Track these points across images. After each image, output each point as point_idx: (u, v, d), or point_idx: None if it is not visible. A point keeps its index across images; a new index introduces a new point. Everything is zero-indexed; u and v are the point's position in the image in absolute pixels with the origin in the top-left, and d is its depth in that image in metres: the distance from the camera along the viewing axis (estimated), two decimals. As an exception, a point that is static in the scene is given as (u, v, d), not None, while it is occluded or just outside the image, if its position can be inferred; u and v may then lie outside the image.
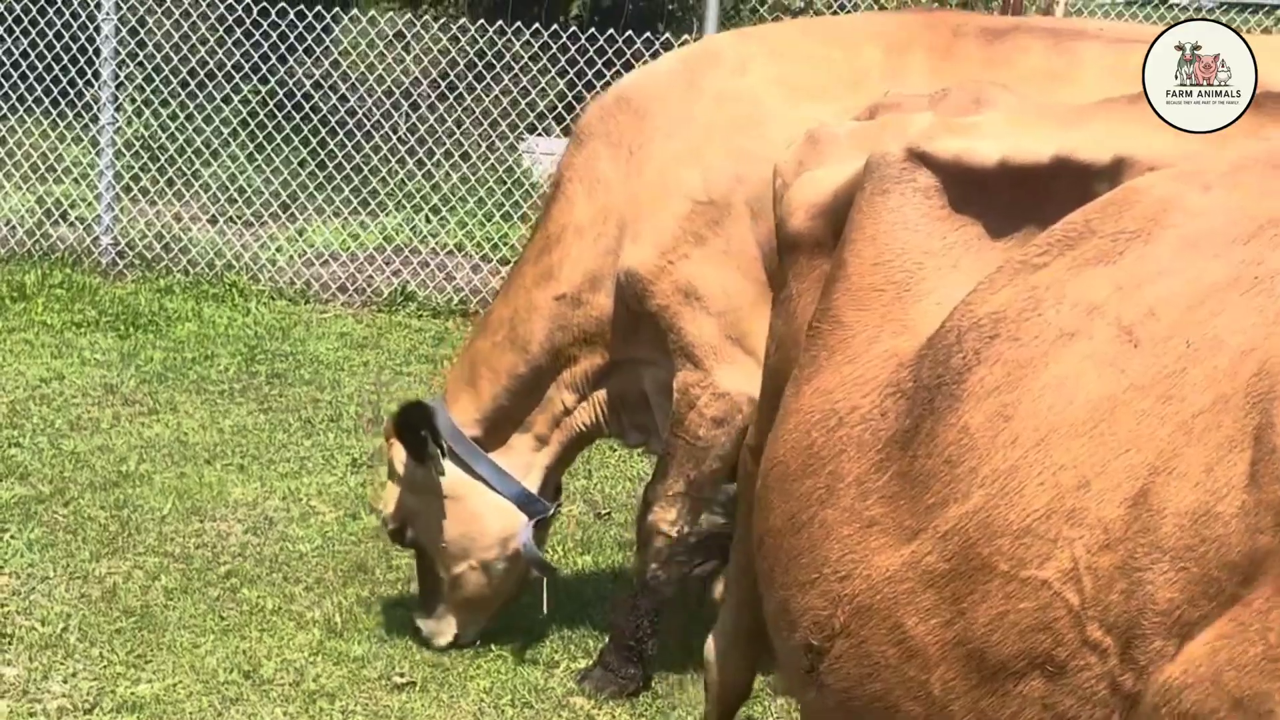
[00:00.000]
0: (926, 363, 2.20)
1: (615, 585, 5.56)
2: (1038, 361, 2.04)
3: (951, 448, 2.08)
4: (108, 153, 9.93)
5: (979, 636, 1.97)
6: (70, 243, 10.08)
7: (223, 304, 9.30)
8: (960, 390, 2.11)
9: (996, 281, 2.19)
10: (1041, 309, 2.09)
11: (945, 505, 2.06)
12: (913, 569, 2.08)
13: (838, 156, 2.76)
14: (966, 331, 2.15)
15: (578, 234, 4.63)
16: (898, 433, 2.20)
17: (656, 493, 4.69)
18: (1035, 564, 1.92)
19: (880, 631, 2.13)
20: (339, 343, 8.64)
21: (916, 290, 2.38)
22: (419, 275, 9.78)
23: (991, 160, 2.37)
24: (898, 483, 2.16)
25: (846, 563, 2.20)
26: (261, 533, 5.83)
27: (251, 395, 7.51)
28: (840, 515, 2.24)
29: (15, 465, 6.31)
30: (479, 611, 4.96)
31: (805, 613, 2.28)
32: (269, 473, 6.44)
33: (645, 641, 4.71)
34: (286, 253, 10.16)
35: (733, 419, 4.49)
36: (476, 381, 4.82)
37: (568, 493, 6.39)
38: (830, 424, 2.33)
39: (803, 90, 4.41)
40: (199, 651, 4.85)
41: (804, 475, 2.35)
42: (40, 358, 7.90)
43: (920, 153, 2.46)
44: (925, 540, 2.07)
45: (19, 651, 4.78)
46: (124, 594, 5.21)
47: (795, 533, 2.34)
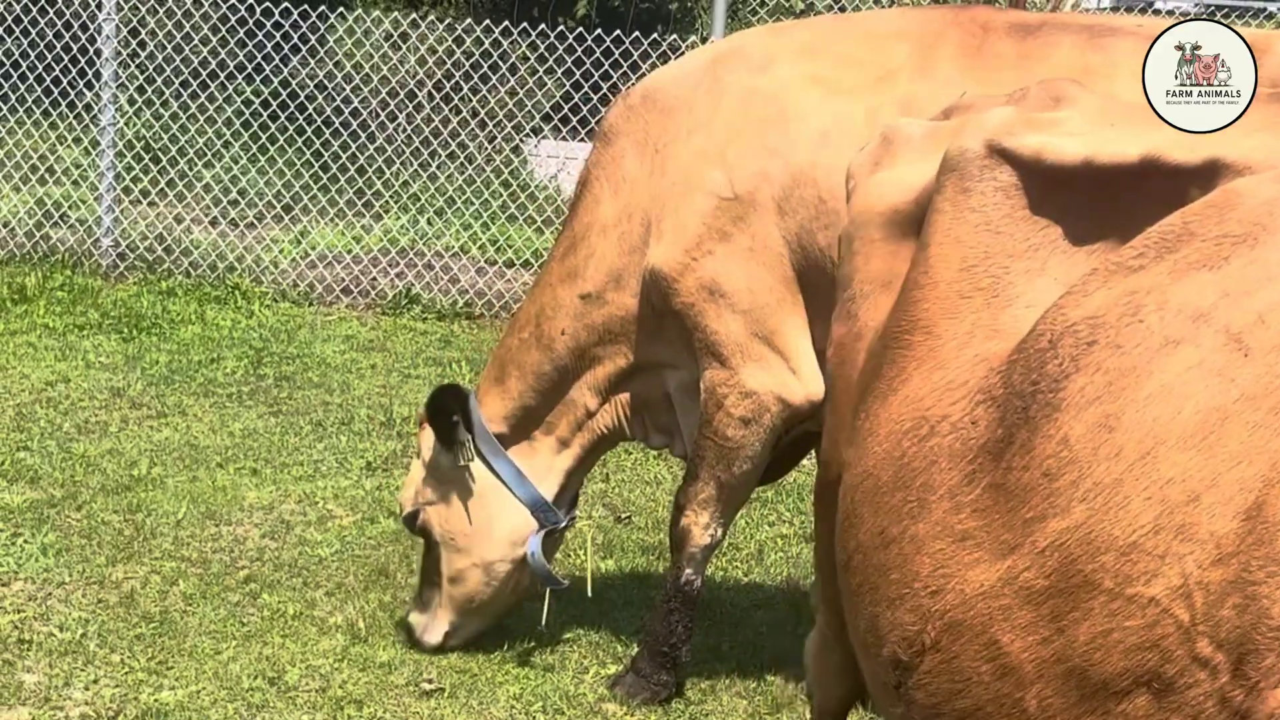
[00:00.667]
0: (1018, 368, 2.14)
1: (640, 589, 5.48)
2: (1141, 370, 1.97)
3: (1050, 460, 2.02)
4: (108, 154, 9.84)
5: (1080, 654, 1.91)
6: (70, 245, 9.99)
7: (226, 306, 9.21)
8: (1057, 399, 2.04)
9: (1090, 284, 2.13)
10: (1143, 315, 2.02)
11: (1044, 519, 1.99)
12: (1009, 584, 2.02)
13: (912, 157, 2.70)
14: (1061, 337, 2.09)
15: (603, 233, 4.59)
16: (990, 442, 2.14)
17: (688, 496, 4.62)
18: (1142, 580, 1.86)
19: (973, 647, 2.07)
20: (345, 345, 8.55)
21: (1005, 295, 2.32)
22: (423, 278, 9.70)
23: (1076, 158, 2.31)
24: (991, 495, 2.10)
25: (938, 577, 2.15)
26: (279, 537, 5.74)
27: (260, 398, 7.42)
28: (931, 529, 2.18)
29: (25, 469, 6.21)
30: (473, 614, 4.86)
31: (894, 628, 2.23)
32: (283, 476, 6.36)
33: (679, 648, 4.63)
34: (289, 255, 10.09)
35: (761, 419, 4.43)
36: (504, 379, 4.78)
37: (586, 497, 6.33)
38: (921, 433, 2.27)
39: (830, 87, 4.35)
40: (221, 658, 4.76)
41: (895, 488, 2.29)
42: (44, 360, 7.80)
43: (1000, 148, 2.40)
44: (1022, 555, 2.01)
45: (39, 658, 4.68)
46: (142, 599, 5.12)
47: (885, 548, 2.28)
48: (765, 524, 6.19)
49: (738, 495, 4.62)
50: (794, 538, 6.03)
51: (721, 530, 4.65)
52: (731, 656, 4.98)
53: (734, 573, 5.72)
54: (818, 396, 4.31)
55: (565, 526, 4.90)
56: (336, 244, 10.26)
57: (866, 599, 2.32)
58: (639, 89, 4.69)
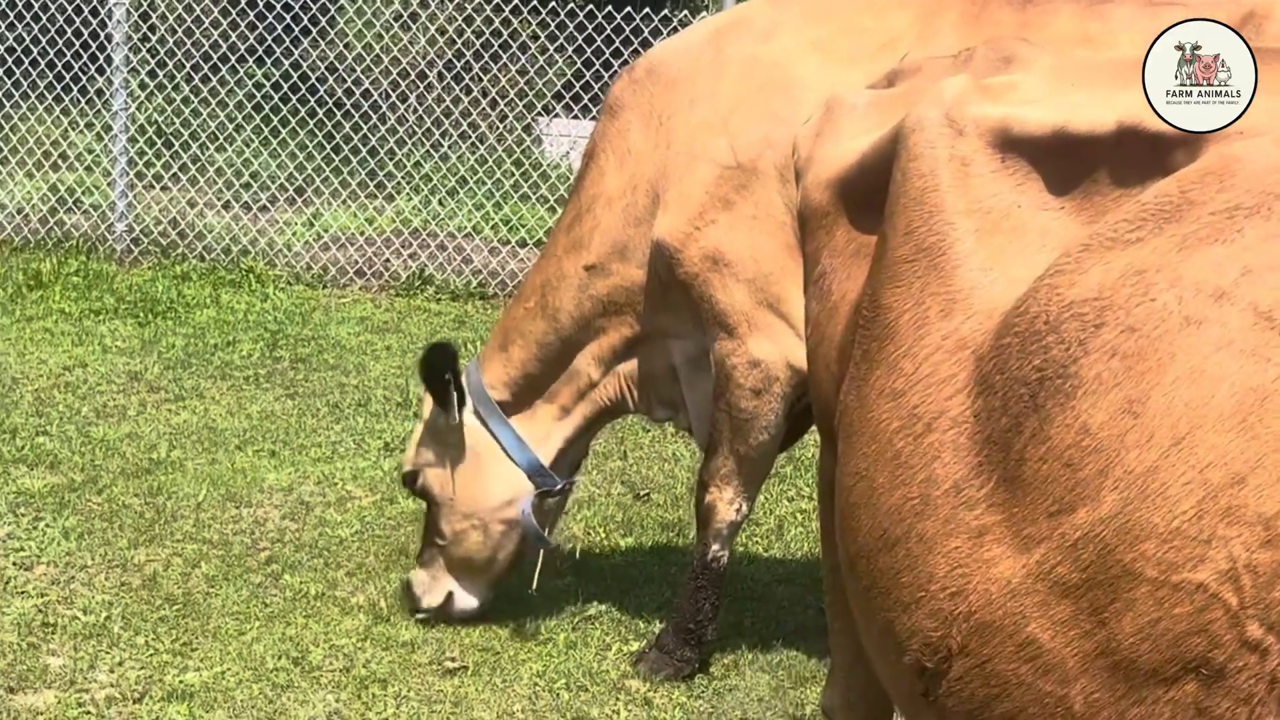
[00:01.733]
0: (1014, 353, 2.06)
1: (660, 566, 5.49)
2: (1162, 353, 1.91)
3: (1071, 449, 1.96)
4: (121, 139, 9.84)
5: (1126, 646, 1.87)
6: (84, 230, 10.00)
7: (240, 290, 9.22)
8: (1069, 386, 1.98)
9: (1084, 261, 2.05)
10: (1154, 294, 1.95)
11: (1071, 510, 1.94)
12: (1040, 580, 1.96)
13: (857, 127, 2.62)
14: (1062, 318, 2.02)
15: (608, 204, 4.61)
16: (995, 433, 2.07)
17: (709, 472, 4.63)
18: (1188, 567, 1.82)
19: (1007, 648, 2.01)
20: (360, 327, 8.56)
21: (951, 256, 2.23)
22: (436, 259, 9.70)
23: (1044, 128, 2.24)
24: (1006, 489, 2.03)
25: (956, 577, 2.07)
26: (299, 518, 5.75)
27: (277, 381, 7.43)
28: (941, 527, 2.10)
29: (45, 454, 6.23)
30: (472, 575, 4.89)
31: (913, 634, 2.15)
32: (301, 458, 6.37)
33: (706, 625, 4.64)
34: (302, 237, 10.09)
35: (771, 388, 4.44)
36: (508, 346, 4.82)
37: (605, 475, 6.34)
38: (915, 431, 2.19)
39: (832, 55, 4.37)
40: (245, 639, 4.78)
41: (893, 488, 2.21)
42: (61, 346, 7.81)
43: (959, 119, 2.31)
44: (1051, 548, 1.95)
45: (63, 641, 4.70)
46: (165, 582, 5.13)
47: (890, 550, 2.20)
48: (784, 499, 6.18)
49: (758, 467, 4.63)
50: (813, 512, 6.03)
51: (747, 504, 4.65)
52: (753, 632, 4.98)
53: (754, 548, 5.72)
54: None
55: (562, 490, 4.93)
56: (349, 226, 10.26)
57: (877, 603, 2.24)
58: (643, 62, 4.71)
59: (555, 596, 5.16)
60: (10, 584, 5.05)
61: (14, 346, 7.74)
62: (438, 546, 4.89)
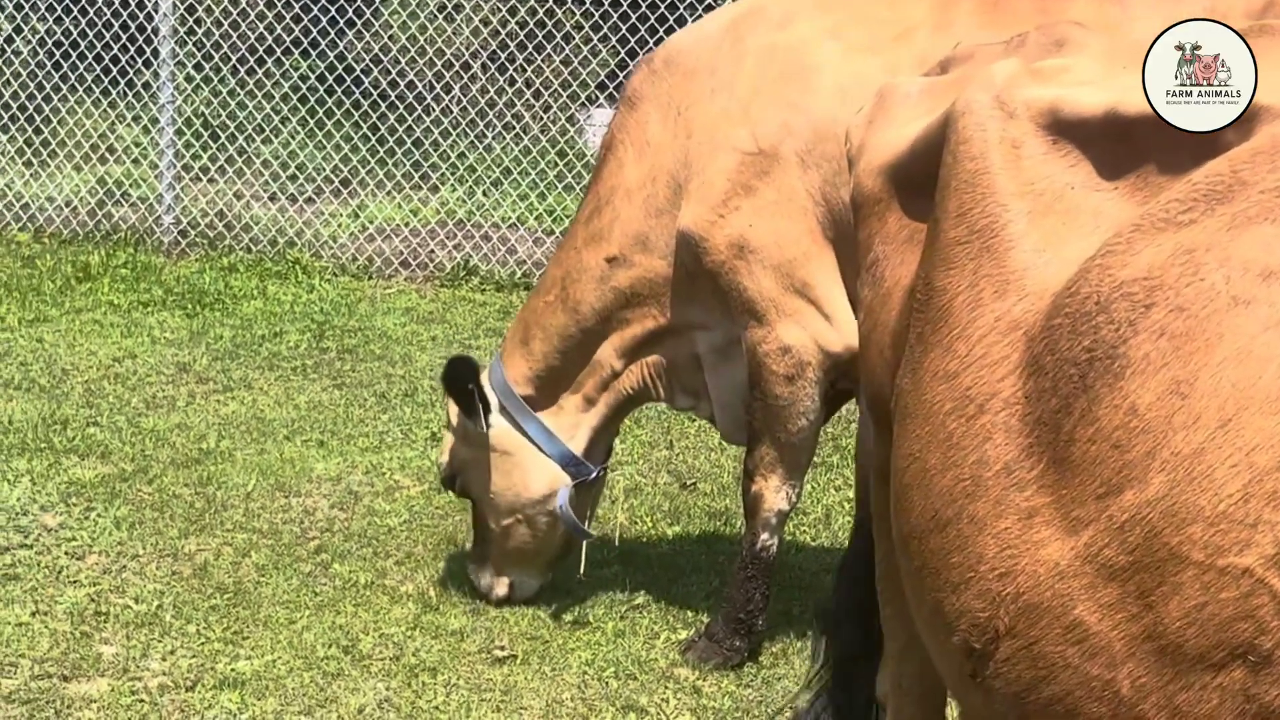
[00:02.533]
0: (1064, 333, 2.05)
1: (708, 555, 5.48)
2: (1210, 333, 1.89)
3: (1119, 431, 1.94)
4: (168, 131, 9.90)
5: (1173, 630, 1.85)
6: (132, 223, 10.07)
7: (287, 281, 9.26)
8: (1118, 366, 1.96)
9: (1135, 241, 2.03)
10: (1203, 274, 1.93)
11: (1119, 492, 1.92)
12: (1088, 562, 1.95)
13: (910, 114, 2.62)
14: (1112, 298, 2.00)
15: (627, 196, 4.61)
16: (1045, 414, 2.06)
17: (754, 462, 4.63)
18: (1234, 551, 1.80)
19: (1054, 630, 1.99)
20: (405, 318, 8.59)
21: (1004, 237, 2.22)
22: (481, 249, 9.72)
23: (1097, 109, 2.23)
24: (1056, 470, 2.02)
25: (1005, 559, 2.06)
26: (348, 508, 5.78)
27: (324, 371, 7.47)
28: (992, 508, 2.10)
29: (96, 444, 6.27)
30: (527, 566, 4.97)
31: (962, 615, 2.14)
32: (349, 448, 6.39)
33: (756, 615, 4.64)
34: (348, 229, 10.13)
35: (804, 373, 4.44)
36: (529, 340, 4.84)
37: (651, 464, 6.34)
38: (968, 413, 2.18)
39: (849, 42, 4.38)
40: (295, 627, 4.80)
41: (944, 469, 2.20)
42: (110, 337, 7.87)
43: (1009, 101, 2.30)
44: (1099, 531, 1.94)
45: (115, 630, 4.73)
46: (215, 571, 5.17)
47: (941, 531, 2.19)
48: (832, 488, 6.17)
49: (801, 454, 4.62)
50: (861, 502, 6.01)
51: (794, 492, 4.65)
52: (802, 621, 4.97)
53: (802, 537, 5.71)
54: (856, 343, 4.34)
55: (596, 477, 4.95)
56: (394, 217, 10.29)
57: (928, 584, 2.24)
58: (661, 53, 4.70)
59: (603, 585, 5.17)
60: (63, 573, 5.09)
61: (64, 338, 7.80)
62: (488, 543, 4.94)
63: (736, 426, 4.76)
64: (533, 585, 5.00)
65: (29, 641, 4.61)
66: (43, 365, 7.32)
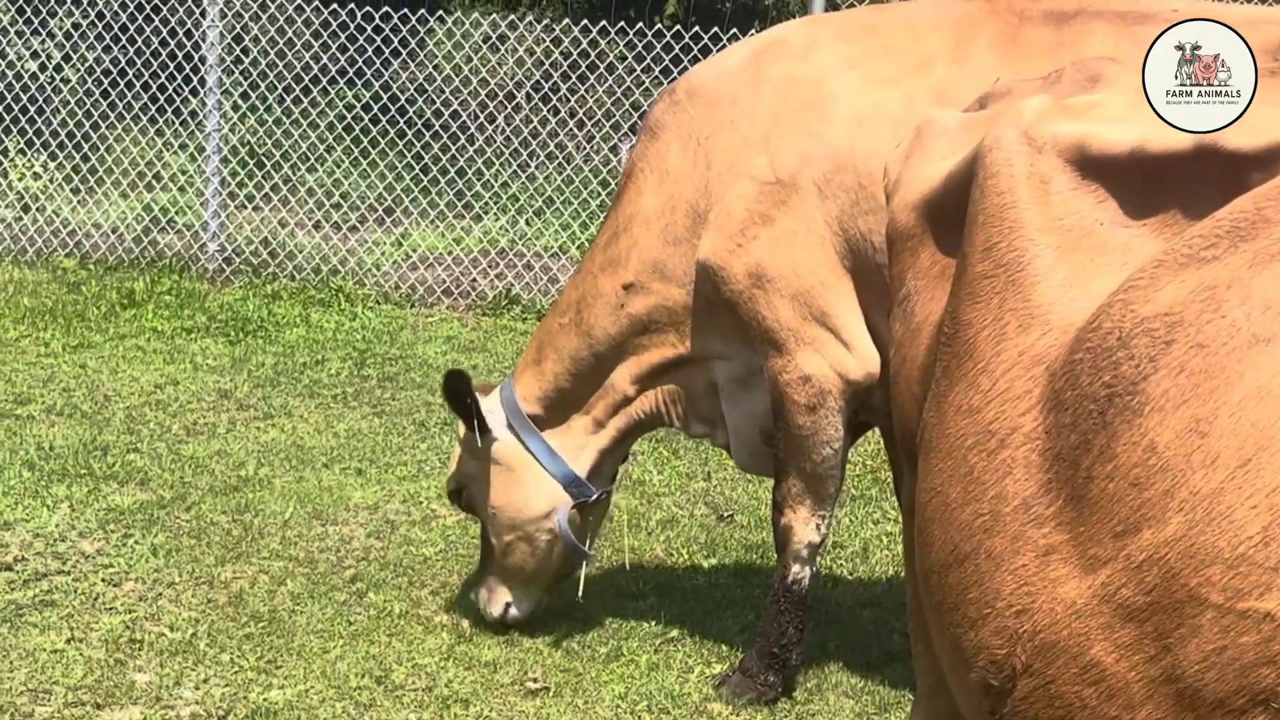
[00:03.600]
0: (1085, 369, 2.03)
1: (744, 588, 5.45)
2: (1230, 371, 1.86)
3: (1137, 468, 1.91)
4: (214, 159, 9.98)
5: (1191, 673, 1.81)
6: (177, 250, 10.15)
7: (329, 309, 9.31)
8: (1137, 403, 1.93)
9: (1159, 276, 2.01)
10: (1225, 311, 1.90)
11: (1136, 531, 1.89)
12: (1105, 602, 1.91)
13: (946, 149, 2.61)
14: (1133, 334, 1.98)
15: (645, 224, 4.63)
16: (1064, 449, 2.03)
17: (782, 494, 4.61)
18: (1254, 594, 1.76)
19: (1071, 670, 1.96)
20: (446, 346, 8.60)
21: (1031, 271, 2.20)
22: (523, 278, 9.74)
23: (1124, 146, 2.22)
24: (1073, 507, 1.99)
25: (1022, 596, 2.04)
26: (384, 537, 5.77)
27: (364, 399, 7.48)
28: (1009, 544, 2.07)
29: (135, 470, 6.30)
30: (527, 584, 4.97)
31: (979, 651, 2.12)
32: (387, 476, 6.40)
33: (790, 650, 4.60)
34: (390, 257, 10.18)
35: (825, 402, 4.43)
36: (541, 360, 4.87)
37: (689, 496, 6.32)
38: (989, 447, 2.16)
39: (867, 74, 4.38)
40: (329, 656, 4.80)
41: (964, 503, 2.18)
42: (153, 364, 7.91)
43: (1037, 137, 2.29)
44: (1116, 570, 1.90)
45: (150, 657, 4.74)
46: (251, 599, 5.17)
47: (960, 565, 2.17)
48: (870, 521, 6.13)
49: (828, 483, 4.59)
50: (899, 535, 5.96)
51: (825, 523, 4.62)
52: (838, 655, 4.93)
53: (839, 570, 5.67)
54: (876, 371, 4.35)
55: (599, 500, 4.94)
56: (437, 246, 10.33)
57: (947, 619, 2.22)
58: (683, 84, 4.73)
59: (637, 618, 5.14)
60: (99, 600, 5.11)
61: (107, 364, 7.85)
62: (491, 558, 4.98)
63: (751, 456, 4.76)
64: (528, 605, 5.00)
65: (63, 668, 4.62)
66: (85, 391, 7.37)
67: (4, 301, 8.95)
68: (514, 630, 5.01)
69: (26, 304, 8.91)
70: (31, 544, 5.51)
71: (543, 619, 5.06)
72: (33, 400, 7.18)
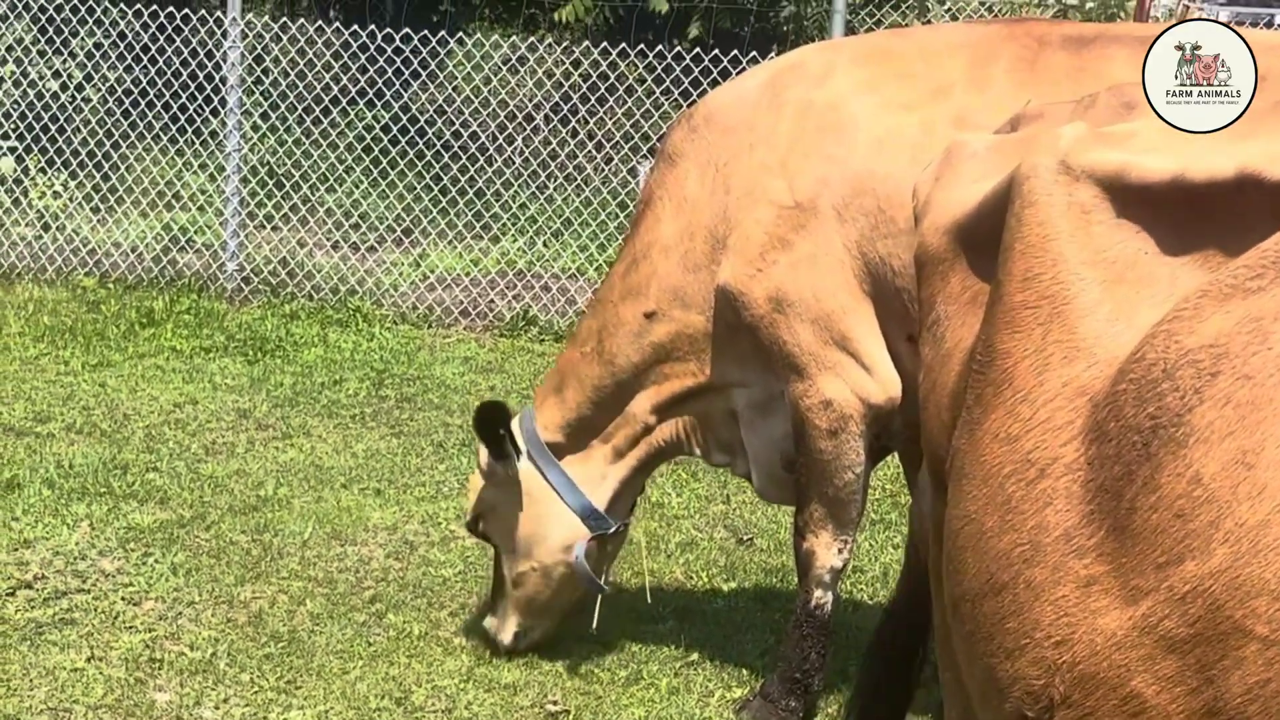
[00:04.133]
0: (1129, 400, 2.02)
1: (764, 612, 5.43)
2: (1277, 403, 1.86)
3: (1181, 500, 1.90)
4: (234, 179, 10.01)
5: (1234, 706, 1.79)
6: (196, 269, 10.17)
7: (347, 329, 9.32)
8: (1182, 434, 1.93)
9: (1204, 307, 2.01)
10: (1271, 342, 1.90)
11: (1180, 562, 1.88)
12: (1146, 633, 1.91)
13: (977, 172, 2.60)
14: (1178, 366, 1.98)
15: (664, 252, 4.60)
16: (1108, 480, 2.02)
17: (803, 519, 4.59)
18: None
19: (1111, 701, 1.95)
20: (464, 367, 8.61)
21: (1078, 305, 2.20)
22: (540, 300, 9.75)
23: (1163, 176, 2.21)
24: (1116, 538, 1.98)
25: (1062, 626, 2.03)
26: (403, 557, 5.77)
27: (382, 419, 7.49)
28: (1050, 575, 2.06)
29: (155, 490, 6.31)
30: (538, 615, 4.95)
31: (1015, 681, 2.10)
32: (406, 497, 6.40)
33: (812, 675, 4.58)
34: (408, 278, 10.19)
35: (847, 427, 4.41)
36: (563, 390, 4.85)
37: (708, 519, 6.31)
38: (1028, 476, 2.15)
39: (885, 98, 4.37)
40: (349, 677, 4.79)
41: (1002, 532, 2.17)
42: (172, 383, 7.93)
43: (1075, 166, 2.28)
44: (1159, 601, 1.90)
45: (169, 677, 4.74)
46: (270, 619, 5.17)
47: (996, 595, 2.16)
48: (890, 546, 6.11)
49: (850, 508, 4.57)
50: (919, 560, 5.95)
51: (847, 547, 4.60)
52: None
53: (859, 595, 5.65)
54: (898, 395, 4.33)
55: (616, 532, 4.92)
56: (455, 266, 10.34)
57: (980, 648, 2.21)
58: (700, 109, 4.70)
59: (658, 641, 5.13)
60: (119, 619, 5.11)
61: (126, 383, 7.87)
62: (504, 587, 4.95)
63: (771, 483, 4.74)
64: (539, 634, 4.98)
65: (83, 687, 4.62)
66: (105, 410, 7.38)
67: (24, 320, 8.97)
68: (533, 653, 5.00)
69: (46, 322, 8.94)
70: (51, 562, 5.51)
71: (562, 642, 5.05)
72: (52, 418, 7.20)
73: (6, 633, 4.93)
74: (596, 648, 5.04)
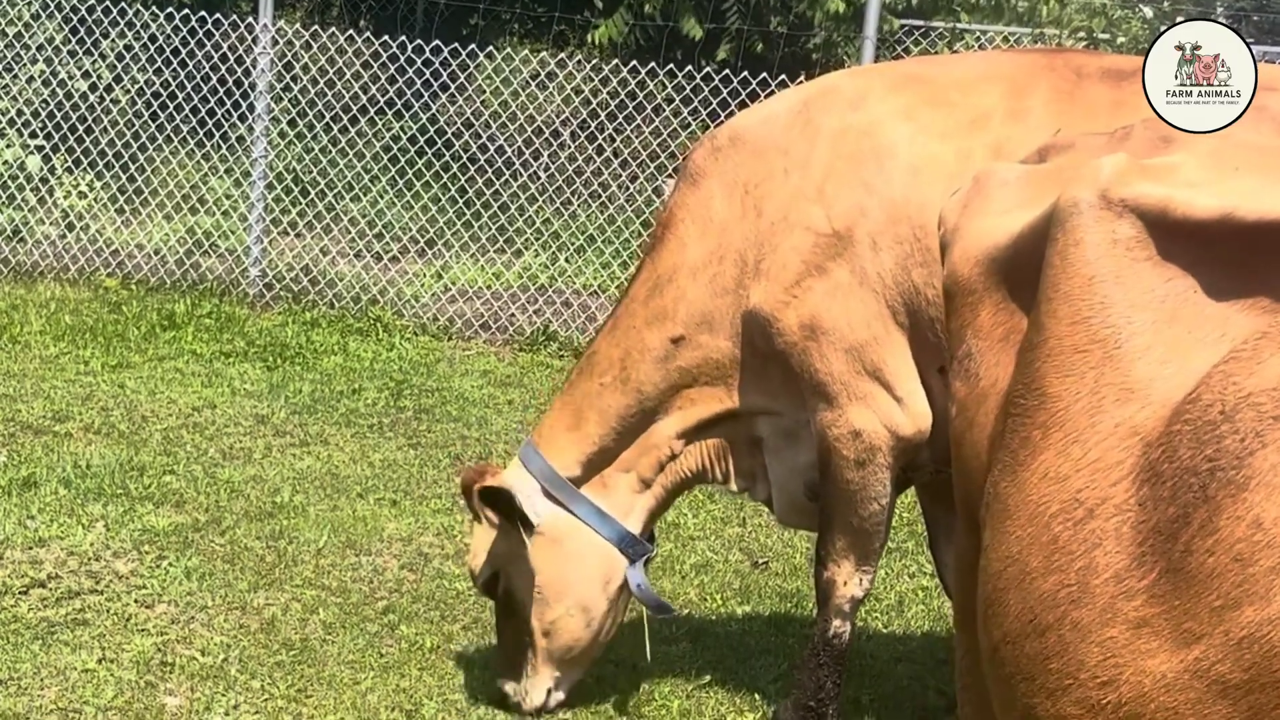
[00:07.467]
0: (1185, 442, 2.00)
1: (778, 637, 5.40)
2: None
3: (1241, 544, 1.88)
4: (259, 185, 10.02)
5: None
6: (219, 274, 10.19)
7: (367, 338, 9.32)
8: (1242, 477, 1.91)
9: (1261, 350, 1.99)
10: None
11: (1237, 607, 1.86)
12: (1198, 677, 1.89)
13: (1010, 201, 2.56)
14: (1238, 409, 1.95)
15: (691, 275, 4.50)
16: (1161, 523, 2.00)
17: (825, 547, 4.53)
18: None
19: None
20: (482, 380, 8.60)
21: (1129, 348, 2.17)
22: (561, 315, 9.74)
23: (1210, 214, 2.16)
24: (1169, 580, 1.96)
25: (1109, 667, 2.00)
26: (417, 569, 5.75)
27: (400, 430, 7.48)
28: (1098, 616, 2.03)
29: (171, 493, 6.30)
30: (573, 664, 4.71)
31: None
32: (422, 508, 6.38)
33: (827, 704, 4.53)
34: (430, 289, 10.19)
35: (874, 458, 4.34)
36: (582, 424, 4.64)
37: (723, 541, 6.28)
38: (1076, 516, 2.12)
39: (922, 126, 4.28)
40: (359, 688, 4.77)
41: (1047, 573, 2.14)
42: (191, 386, 7.93)
43: (1117, 200, 2.24)
44: (1213, 645, 1.88)
45: (180, 681, 4.72)
46: (282, 626, 5.15)
47: (1039, 635, 2.13)
48: (905, 575, 6.07)
49: (873, 539, 4.51)
50: (935, 590, 5.91)
51: (868, 578, 4.55)
52: (872, 710, 4.88)
53: (874, 624, 5.61)
54: (928, 428, 4.26)
55: (653, 556, 4.79)
56: (476, 279, 10.35)
57: (1021, 689, 2.17)
58: (726, 131, 4.60)
59: (670, 663, 5.10)
60: (131, 621, 5.10)
61: (145, 385, 7.87)
62: (529, 646, 4.68)
63: (792, 509, 4.65)
64: (569, 685, 4.75)
65: (94, 689, 4.61)
66: (123, 411, 7.38)
67: (45, 318, 8.99)
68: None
69: (68, 321, 8.95)
70: (65, 562, 5.50)
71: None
72: (71, 418, 7.20)
73: (19, 631, 4.92)
74: (609, 668, 5.01)
